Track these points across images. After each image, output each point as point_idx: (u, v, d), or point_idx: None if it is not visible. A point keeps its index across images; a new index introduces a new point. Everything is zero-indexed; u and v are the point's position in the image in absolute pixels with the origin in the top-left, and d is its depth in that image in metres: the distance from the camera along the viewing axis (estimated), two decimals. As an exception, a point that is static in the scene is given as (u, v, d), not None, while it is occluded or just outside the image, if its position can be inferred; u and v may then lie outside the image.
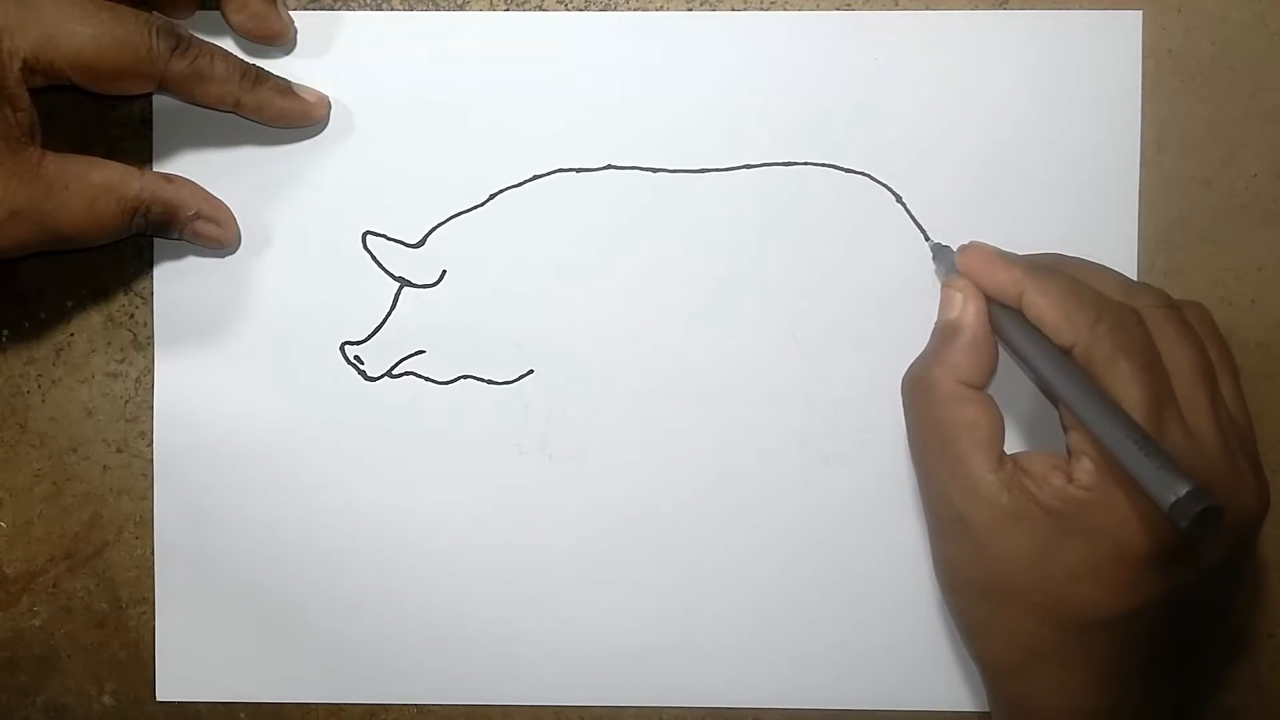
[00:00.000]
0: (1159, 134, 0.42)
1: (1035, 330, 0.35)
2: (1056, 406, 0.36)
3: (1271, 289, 0.43)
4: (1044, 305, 0.35)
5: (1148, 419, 0.33)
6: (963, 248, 0.38)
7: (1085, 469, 0.34)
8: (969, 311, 0.36)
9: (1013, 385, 0.40)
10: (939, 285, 0.41)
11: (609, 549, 0.43)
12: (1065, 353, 0.35)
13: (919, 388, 0.37)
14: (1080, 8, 0.42)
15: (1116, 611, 0.34)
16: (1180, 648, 0.36)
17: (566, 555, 0.43)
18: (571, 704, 0.44)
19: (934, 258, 0.41)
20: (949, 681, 0.43)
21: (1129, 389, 0.33)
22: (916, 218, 0.42)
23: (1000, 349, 0.37)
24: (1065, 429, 0.35)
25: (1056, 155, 0.42)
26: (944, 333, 0.37)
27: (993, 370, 0.36)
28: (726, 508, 0.43)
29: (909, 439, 0.38)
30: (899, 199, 0.42)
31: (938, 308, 0.38)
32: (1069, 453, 0.35)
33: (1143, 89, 0.42)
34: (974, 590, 0.36)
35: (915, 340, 0.42)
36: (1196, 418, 0.34)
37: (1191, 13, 0.42)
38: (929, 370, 0.37)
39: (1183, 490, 0.30)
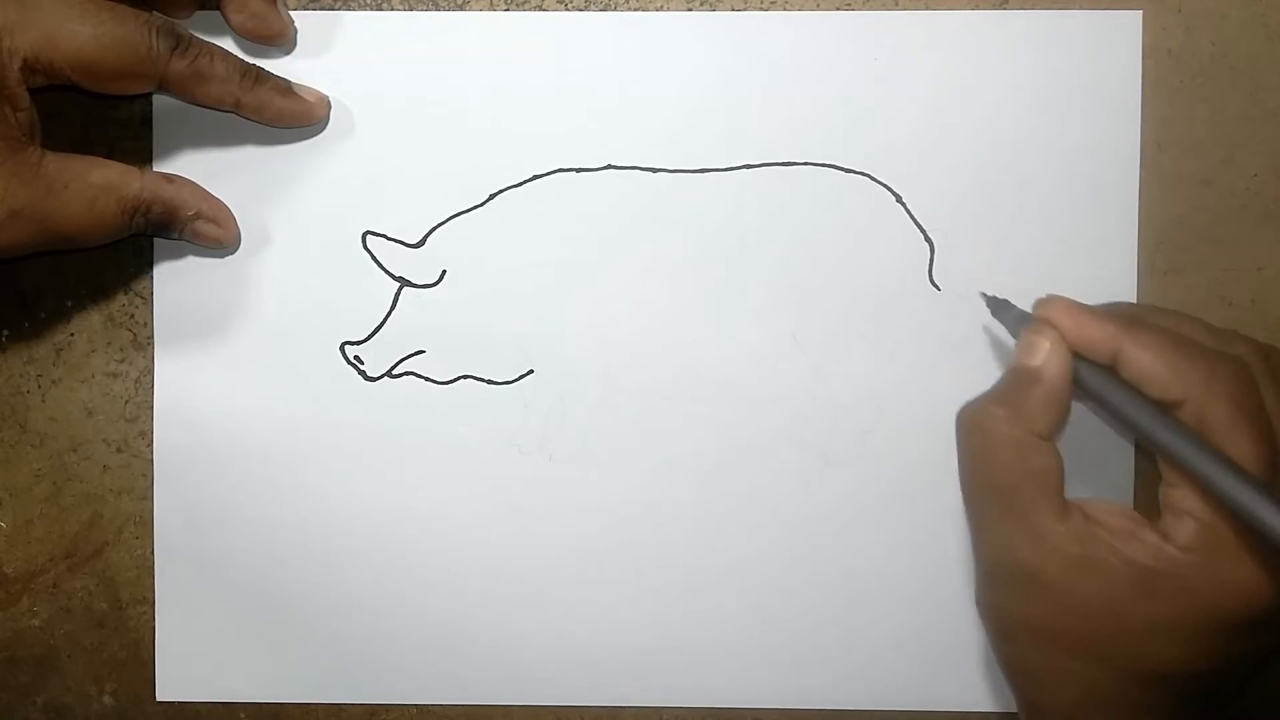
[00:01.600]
0: (1159, 134, 0.42)
1: (1131, 387, 0.34)
2: (1156, 462, 0.35)
3: (1271, 289, 0.43)
4: (1150, 361, 0.33)
5: (1266, 479, 0.32)
6: (1044, 300, 0.36)
7: (1188, 529, 0.33)
8: (1053, 362, 0.34)
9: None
10: (935, 290, 0.42)
11: (609, 549, 0.43)
12: (1168, 408, 0.33)
13: (981, 430, 0.35)
14: (1080, 8, 0.42)
15: (1193, 670, 0.33)
16: (1238, 689, 0.36)
17: (566, 555, 0.43)
18: (571, 704, 0.44)
19: (993, 313, 0.38)
20: (949, 681, 0.43)
21: (1249, 450, 0.32)
22: (916, 218, 0.42)
23: (1084, 403, 0.36)
24: (1165, 485, 0.34)
25: (1056, 155, 0.42)
26: (1020, 378, 0.35)
27: (1062, 426, 0.35)
28: (726, 508, 0.43)
29: (962, 481, 0.36)
30: (899, 199, 0.42)
31: (1016, 352, 0.36)
32: (1165, 509, 0.34)
33: (1143, 89, 0.42)
34: (1033, 639, 0.35)
35: (915, 340, 0.42)
36: None
37: (1191, 13, 0.42)
38: (995, 415, 0.35)
39: None
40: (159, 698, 0.44)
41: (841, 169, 0.42)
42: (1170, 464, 0.33)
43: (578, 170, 0.42)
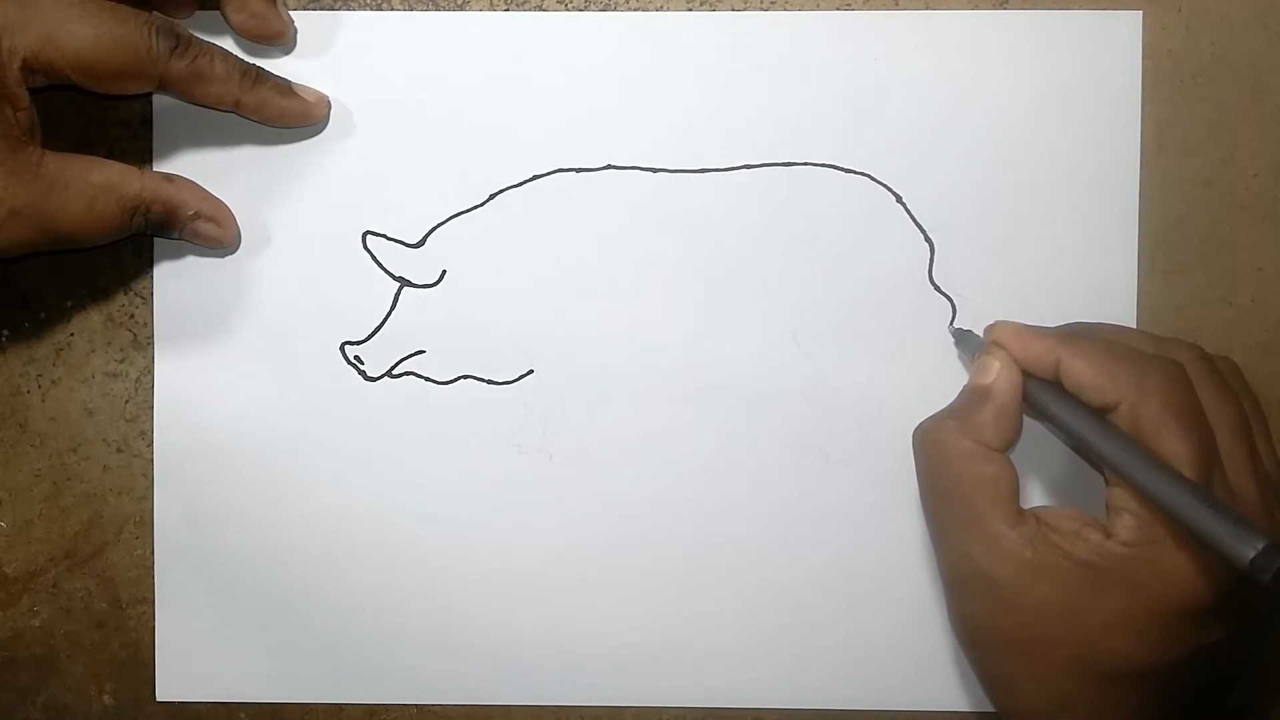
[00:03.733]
0: (1159, 134, 0.42)
1: (1071, 397, 0.35)
2: (1098, 469, 0.36)
3: (1271, 289, 0.43)
4: (1083, 368, 0.35)
5: (1197, 476, 0.33)
6: (992, 325, 0.38)
7: (1127, 525, 0.34)
8: (1002, 379, 0.36)
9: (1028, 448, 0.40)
10: (932, 290, 0.42)
11: (609, 549, 0.43)
12: (1104, 414, 0.35)
13: (935, 443, 0.37)
14: (1080, 8, 0.42)
15: (1150, 664, 0.34)
16: (1208, 694, 0.36)
17: (566, 555, 0.43)
18: (571, 704, 0.44)
19: (956, 342, 0.41)
20: (949, 681, 0.43)
21: (1178, 447, 0.33)
22: (916, 218, 0.42)
23: (1032, 420, 0.37)
24: (1108, 485, 0.35)
25: (1056, 155, 0.42)
26: (973, 396, 0.37)
27: (1014, 441, 0.36)
28: (726, 508, 0.43)
29: (921, 495, 0.38)
30: (899, 199, 0.42)
31: (971, 374, 0.38)
32: (1108, 509, 0.35)
33: (1143, 89, 0.42)
34: (998, 645, 0.36)
35: (915, 340, 0.42)
36: (1236, 474, 0.34)
37: (1191, 13, 0.42)
38: (947, 427, 0.37)
39: (1260, 545, 0.30)
40: (159, 698, 0.44)
41: (841, 169, 0.42)
42: (1104, 465, 0.35)
43: (578, 170, 0.42)
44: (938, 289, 0.42)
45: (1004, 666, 0.36)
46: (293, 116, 0.41)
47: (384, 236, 0.43)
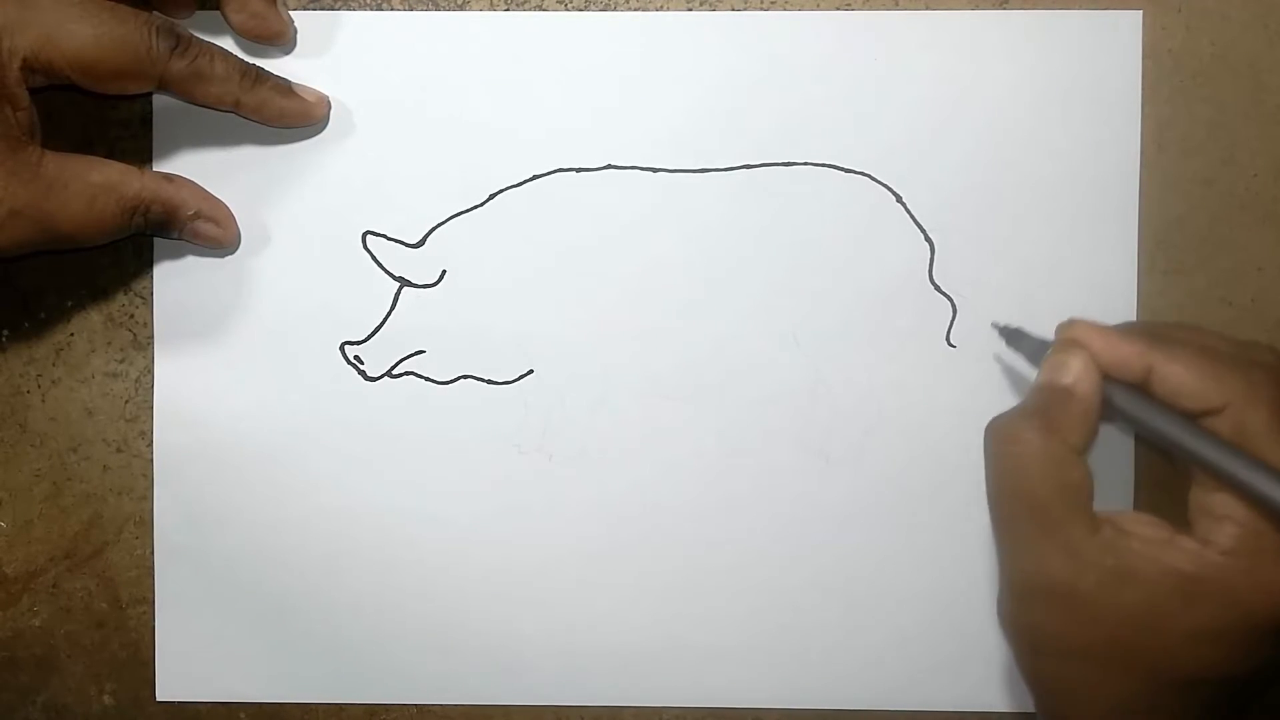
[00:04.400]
0: (1159, 134, 0.42)
1: (1157, 400, 0.34)
2: (1183, 468, 0.35)
3: (1271, 289, 0.43)
4: (1182, 374, 0.34)
5: None
6: (1068, 323, 0.36)
7: (1229, 533, 0.33)
8: (1085, 380, 0.35)
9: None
10: (932, 290, 0.42)
11: (609, 549, 0.43)
12: (1205, 417, 0.34)
13: (1014, 442, 0.35)
14: (1080, 8, 0.42)
15: (1231, 673, 0.34)
16: (1256, 693, 0.36)
17: (566, 555, 0.43)
18: (571, 704, 0.44)
19: (1007, 341, 0.39)
20: (949, 681, 0.43)
21: None
22: (916, 218, 0.42)
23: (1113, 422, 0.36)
24: (1205, 490, 0.34)
25: (1056, 155, 0.42)
26: (1054, 396, 0.35)
27: (1092, 444, 0.35)
28: (727, 508, 0.43)
29: (990, 493, 0.36)
30: (899, 199, 0.42)
31: (1046, 371, 0.36)
32: (1198, 515, 0.34)
33: (1143, 89, 0.42)
34: (1068, 654, 0.35)
35: (915, 340, 0.42)
36: None
37: (1191, 13, 0.42)
38: (1031, 427, 0.35)
39: None
40: (159, 698, 0.44)
41: (841, 169, 0.42)
42: (1205, 471, 0.33)
43: (578, 170, 0.42)
44: (938, 289, 0.42)
45: (1070, 673, 0.35)
46: (293, 116, 0.41)
47: (384, 236, 0.43)
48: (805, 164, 0.42)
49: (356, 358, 0.43)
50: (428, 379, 0.43)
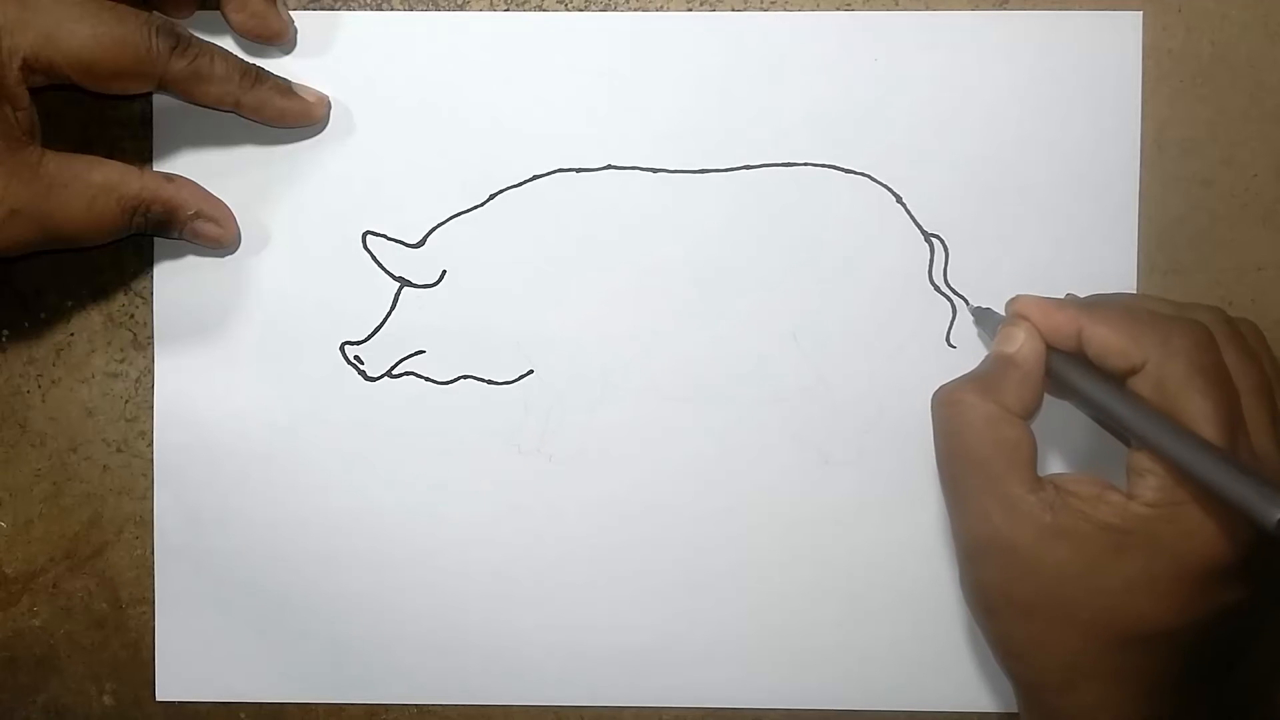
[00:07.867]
0: (1159, 134, 0.42)
1: (1093, 368, 0.35)
2: (1122, 439, 0.36)
3: (1271, 289, 0.43)
4: (1106, 333, 0.35)
5: (1223, 437, 0.33)
6: (1014, 299, 0.38)
7: (1150, 486, 0.34)
8: (1027, 348, 0.36)
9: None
10: (932, 290, 0.42)
11: (609, 549, 0.43)
12: (1127, 378, 0.35)
13: (955, 404, 0.36)
14: (1080, 8, 0.42)
15: (1170, 625, 0.34)
16: (1221, 660, 0.36)
17: (566, 555, 0.43)
18: (571, 704, 0.44)
19: (976, 321, 0.41)
20: (949, 681, 0.43)
21: (1204, 406, 0.33)
22: (916, 218, 0.42)
23: (1051, 398, 0.37)
24: (1130, 451, 0.35)
25: (1056, 155, 0.42)
26: (996, 363, 0.37)
27: (1035, 410, 0.36)
28: (726, 508, 0.43)
29: (939, 459, 0.37)
30: (899, 199, 0.42)
31: (995, 343, 0.37)
32: (1130, 473, 0.35)
33: (1143, 89, 0.42)
34: (1015, 611, 0.36)
35: (915, 340, 0.42)
36: (1260, 436, 0.34)
37: (1191, 13, 0.42)
38: (968, 389, 0.36)
39: None
40: (159, 698, 0.44)
41: (841, 169, 0.42)
42: (1128, 433, 0.35)
43: (578, 170, 0.42)
44: (937, 289, 0.42)
45: (1021, 632, 0.36)
46: (293, 116, 0.41)
47: (384, 236, 0.43)
48: (805, 164, 0.42)
49: (356, 358, 0.43)
50: (428, 379, 0.43)
